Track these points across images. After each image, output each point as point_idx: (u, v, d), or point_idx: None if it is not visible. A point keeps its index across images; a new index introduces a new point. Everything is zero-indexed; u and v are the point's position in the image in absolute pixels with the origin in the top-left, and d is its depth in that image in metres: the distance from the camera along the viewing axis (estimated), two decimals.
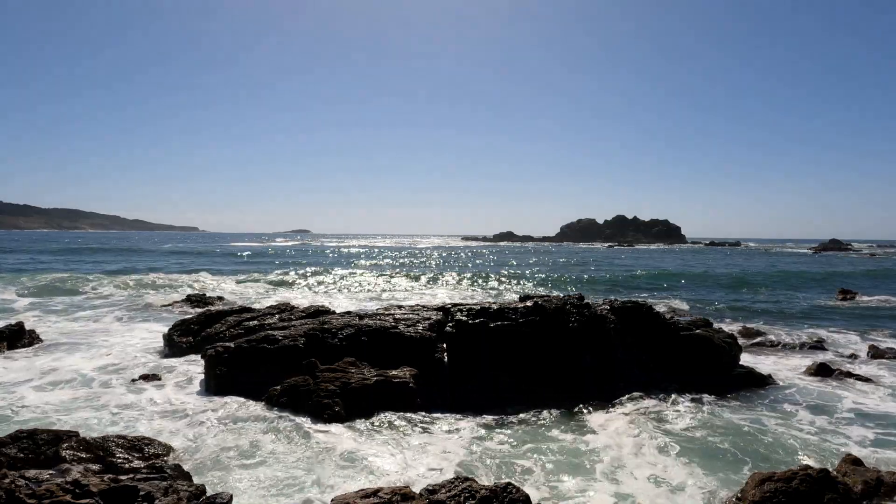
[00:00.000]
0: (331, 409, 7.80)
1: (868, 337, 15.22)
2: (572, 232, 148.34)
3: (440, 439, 7.47)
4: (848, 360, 12.42)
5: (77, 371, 10.26)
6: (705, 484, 6.21)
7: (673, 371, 10.14)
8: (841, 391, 9.85)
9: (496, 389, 9.16)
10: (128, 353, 11.86)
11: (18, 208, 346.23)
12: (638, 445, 7.29)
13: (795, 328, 16.53)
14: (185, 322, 12.72)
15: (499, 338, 9.49)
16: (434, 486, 5.09)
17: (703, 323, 11.64)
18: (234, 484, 6.00)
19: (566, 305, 10.04)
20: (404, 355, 9.58)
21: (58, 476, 4.98)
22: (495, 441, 7.45)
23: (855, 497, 5.56)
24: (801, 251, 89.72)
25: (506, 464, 6.73)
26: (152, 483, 4.90)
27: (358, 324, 10.28)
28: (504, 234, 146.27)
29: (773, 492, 5.44)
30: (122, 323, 15.67)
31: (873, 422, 8.39)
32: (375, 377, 8.55)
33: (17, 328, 12.57)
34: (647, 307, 10.87)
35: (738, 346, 11.31)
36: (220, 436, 7.31)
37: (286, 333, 9.99)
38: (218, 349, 9.57)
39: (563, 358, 9.54)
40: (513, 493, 4.98)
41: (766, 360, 12.38)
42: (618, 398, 9.14)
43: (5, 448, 5.88)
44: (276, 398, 8.11)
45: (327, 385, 8.18)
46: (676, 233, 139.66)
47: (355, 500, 4.81)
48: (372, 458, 6.78)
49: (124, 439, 6.50)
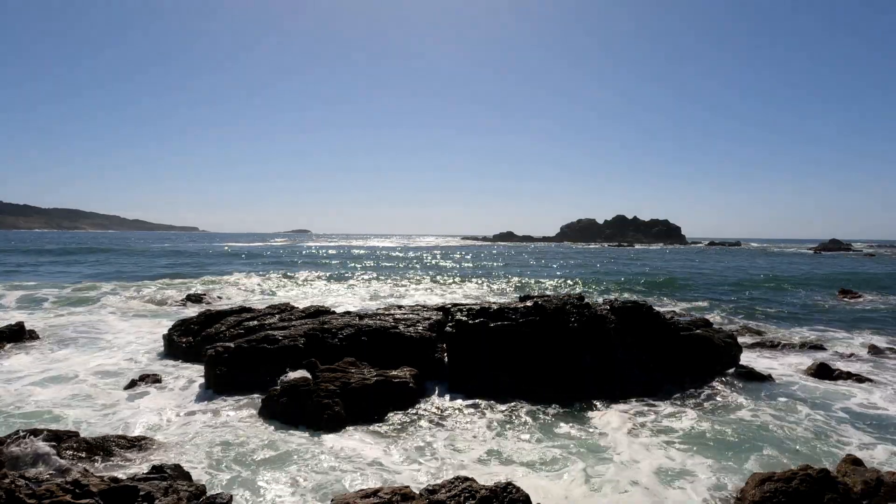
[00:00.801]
0: (331, 409, 7.80)
1: (868, 337, 15.22)
2: (572, 232, 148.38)
3: (440, 439, 7.47)
4: (848, 360, 12.42)
5: (77, 371, 10.27)
6: (705, 483, 6.21)
7: (673, 371, 10.14)
8: (841, 391, 9.85)
9: (496, 389, 9.16)
10: (128, 353, 11.86)
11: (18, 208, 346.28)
12: (638, 445, 7.29)
13: (795, 328, 16.54)
14: (185, 322, 12.72)
15: (499, 338, 9.49)
16: (434, 486, 5.09)
17: (703, 323, 11.66)
18: (234, 484, 6.00)
19: (566, 305, 10.04)
20: (404, 355, 9.59)
21: (58, 476, 4.98)
22: (495, 440, 7.45)
23: (855, 497, 5.56)
24: (801, 251, 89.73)
25: (506, 464, 6.73)
26: (152, 483, 4.90)
27: (358, 324, 10.29)
28: (504, 234, 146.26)
29: (774, 492, 5.44)
30: (122, 323, 15.66)
31: (873, 422, 8.39)
32: (375, 377, 8.55)
33: (17, 327, 12.58)
34: (647, 307, 10.87)
35: (738, 345, 11.32)
36: (220, 436, 7.31)
37: (286, 333, 10.00)
38: (218, 349, 9.57)
39: (564, 358, 9.54)
40: (513, 493, 4.98)
41: (766, 359, 12.37)
42: (618, 398, 9.14)
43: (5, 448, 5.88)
44: (275, 398, 8.10)
45: (327, 385, 8.18)
46: (676, 233, 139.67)
47: (355, 500, 4.81)
48: (372, 459, 6.78)
49: (124, 439, 6.50)
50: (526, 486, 5.51)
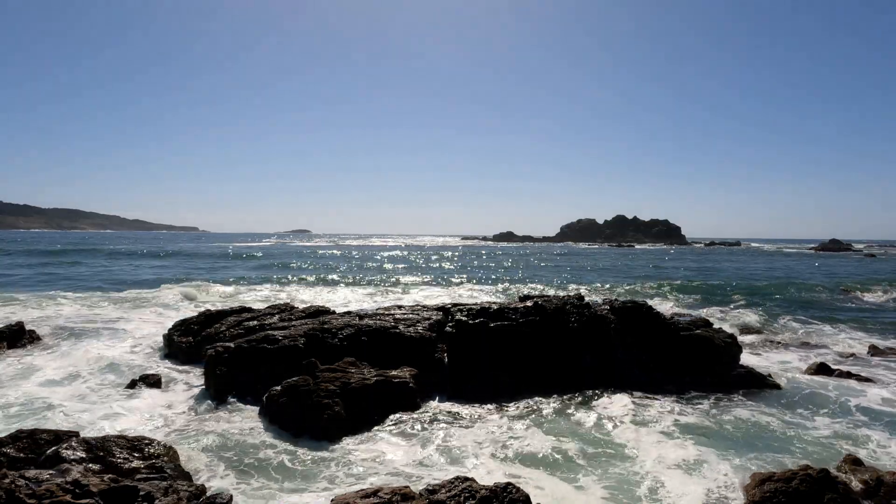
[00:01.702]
0: (330, 409, 7.79)
1: (868, 337, 15.21)
2: (572, 232, 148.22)
3: (440, 438, 7.47)
4: (848, 359, 12.42)
5: (77, 371, 10.25)
6: (705, 483, 6.21)
7: (673, 371, 10.14)
8: (840, 391, 9.83)
9: (496, 389, 9.16)
10: (127, 353, 11.85)
11: (18, 208, 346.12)
12: (638, 445, 7.29)
13: (796, 328, 16.53)
14: (185, 322, 12.71)
15: (499, 338, 9.48)
16: (434, 485, 5.08)
17: (703, 323, 11.64)
18: (233, 483, 6.00)
19: (566, 306, 10.04)
20: (404, 355, 9.58)
21: (58, 476, 4.98)
22: (495, 440, 7.45)
23: (855, 497, 5.56)
24: (801, 251, 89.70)
25: (506, 463, 6.73)
26: (152, 483, 4.90)
27: (358, 324, 10.28)
28: (504, 234, 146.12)
29: (774, 492, 5.44)
30: (121, 322, 15.65)
31: (873, 421, 8.39)
32: (375, 377, 8.54)
33: (17, 328, 12.58)
34: (647, 307, 10.86)
35: (738, 345, 11.30)
36: (220, 436, 7.31)
37: (286, 333, 9.99)
38: (218, 349, 9.56)
39: (564, 358, 9.54)
40: (513, 493, 4.98)
41: (767, 359, 12.37)
42: (618, 398, 9.14)
43: (5, 448, 5.88)
44: (275, 398, 8.10)
45: (327, 385, 8.18)
46: (676, 233, 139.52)
47: (355, 499, 4.81)
48: (372, 458, 6.78)
49: (124, 439, 6.49)
50: (526, 485, 5.52)
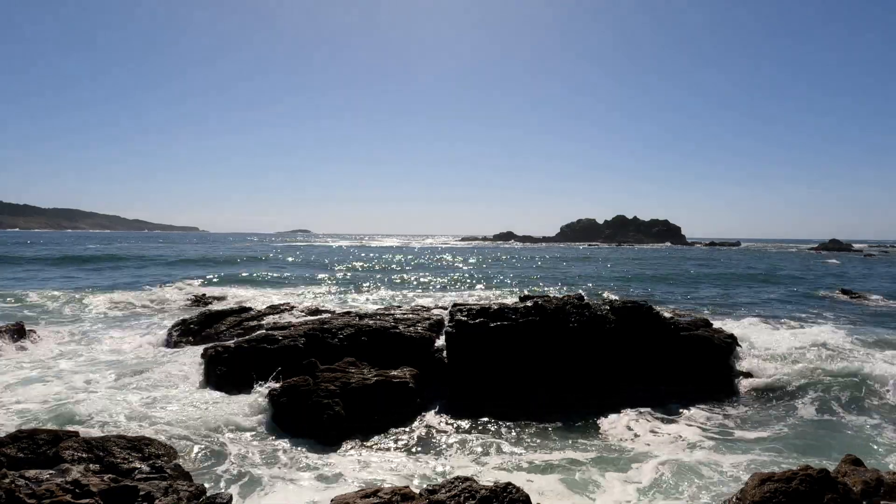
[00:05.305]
0: (330, 409, 7.79)
1: (868, 337, 15.19)
2: (572, 232, 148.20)
3: (440, 438, 7.47)
4: (848, 359, 12.38)
5: (76, 371, 10.26)
6: (705, 482, 6.21)
7: (673, 371, 10.13)
8: (840, 390, 9.83)
9: (496, 389, 9.15)
10: (127, 353, 11.85)
11: (18, 208, 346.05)
12: (637, 444, 7.29)
13: (796, 327, 16.50)
14: (185, 322, 12.71)
15: (499, 338, 9.48)
16: (434, 485, 5.08)
17: (703, 323, 11.64)
18: (233, 483, 6.00)
19: (566, 306, 10.04)
20: (404, 355, 9.58)
21: (58, 476, 4.98)
22: (495, 440, 7.45)
23: (855, 497, 5.56)
24: (801, 251, 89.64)
25: (505, 463, 6.73)
26: (152, 483, 4.90)
27: (358, 324, 10.28)
28: (504, 234, 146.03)
29: (774, 492, 5.43)
30: (122, 322, 15.66)
31: (873, 421, 8.39)
32: (375, 377, 8.54)
33: (17, 328, 12.58)
34: (647, 307, 10.86)
35: (739, 345, 11.30)
36: (220, 436, 7.31)
37: (286, 333, 9.99)
38: (217, 349, 9.57)
39: (564, 358, 9.54)
40: (512, 494, 4.97)
41: (767, 359, 12.34)
42: (618, 398, 9.14)
43: (5, 448, 5.88)
44: (275, 398, 8.10)
45: (327, 385, 8.18)
46: (676, 233, 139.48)
47: (355, 500, 4.81)
48: (371, 458, 6.78)
49: (124, 439, 6.49)
50: (526, 485, 5.52)
